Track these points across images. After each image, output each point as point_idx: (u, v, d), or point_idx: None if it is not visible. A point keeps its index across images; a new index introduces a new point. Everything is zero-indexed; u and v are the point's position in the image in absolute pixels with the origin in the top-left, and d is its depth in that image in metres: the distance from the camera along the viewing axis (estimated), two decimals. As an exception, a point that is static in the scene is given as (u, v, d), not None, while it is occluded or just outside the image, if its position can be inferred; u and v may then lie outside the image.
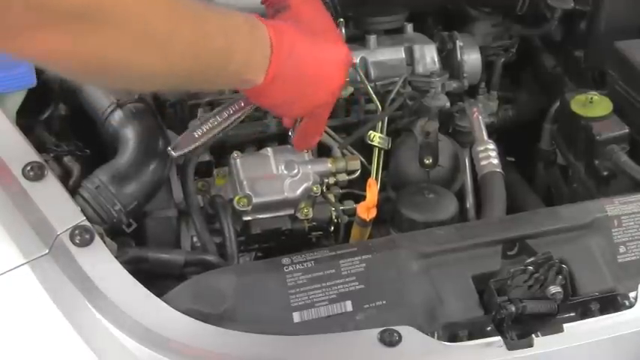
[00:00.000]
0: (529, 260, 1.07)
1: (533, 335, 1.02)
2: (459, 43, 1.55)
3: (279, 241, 1.29)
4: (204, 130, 1.14)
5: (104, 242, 1.03)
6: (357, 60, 1.50)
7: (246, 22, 1.00)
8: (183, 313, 0.99)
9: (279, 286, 1.03)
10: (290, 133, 1.27)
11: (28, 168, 1.05)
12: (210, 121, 1.15)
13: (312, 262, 1.05)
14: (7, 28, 0.74)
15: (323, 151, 1.39)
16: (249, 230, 1.27)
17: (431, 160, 1.43)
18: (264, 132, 1.38)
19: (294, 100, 1.10)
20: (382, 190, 1.40)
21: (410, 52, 1.54)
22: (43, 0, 0.74)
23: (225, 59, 0.96)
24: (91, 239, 1.02)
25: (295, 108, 1.13)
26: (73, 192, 1.10)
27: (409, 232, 1.24)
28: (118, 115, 1.19)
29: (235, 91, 1.30)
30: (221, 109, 1.16)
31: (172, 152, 1.13)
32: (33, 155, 1.07)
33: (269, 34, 1.01)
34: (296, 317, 1.01)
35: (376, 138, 1.40)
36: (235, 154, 1.30)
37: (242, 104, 1.16)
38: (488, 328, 1.05)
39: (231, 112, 1.16)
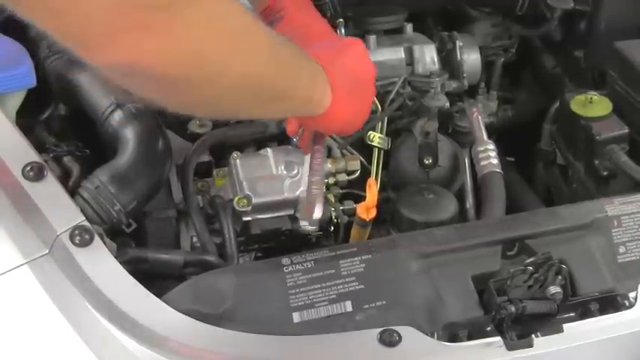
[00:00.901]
0: (529, 260, 1.07)
1: (533, 335, 1.02)
2: (458, 43, 1.55)
3: (279, 241, 1.29)
4: (317, 182, 1.12)
5: (104, 242, 1.03)
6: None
7: (303, 53, 1.00)
8: (183, 313, 0.99)
9: (279, 287, 1.03)
10: (295, 139, 1.26)
11: (28, 168, 1.05)
12: (315, 178, 1.12)
13: (312, 262, 1.05)
14: (113, 30, 0.72)
15: (323, 152, 1.40)
16: (249, 230, 1.27)
17: (431, 161, 1.43)
18: (263, 132, 1.38)
19: (356, 111, 1.10)
20: (382, 190, 1.40)
21: (409, 52, 1.55)
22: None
23: (296, 71, 0.97)
24: (91, 239, 1.02)
25: (360, 117, 1.13)
26: (73, 192, 1.10)
27: (409, 232, 1.24)
28: (118, 115, 1.19)
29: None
30: (312, 164, 1.14)
31: (302, 220, 1.19)
32: (33, 155, 1.07)
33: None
34: (296, 317, 1.01)
35: (376, 138, 1.40)
36: (235, 154, 1.30)
37: (318, 146, 1.15)
38: (488, 328, 1.05)
39: (320, 159, 1.14)
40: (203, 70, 0.80)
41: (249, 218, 1.26)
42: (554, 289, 1.05)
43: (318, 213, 1.08)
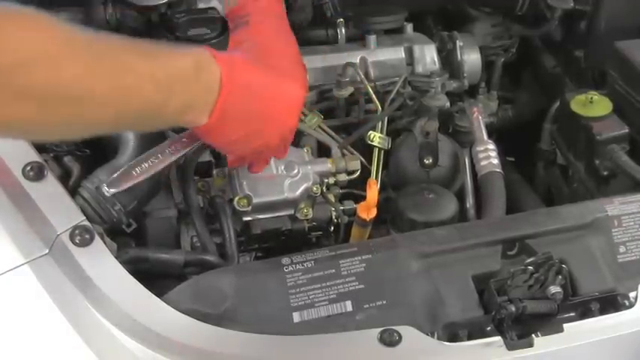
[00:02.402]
0: (529, 260, 1.07)
1: (533, 335, 1.02)
2: (458, 43, 1.55)
3: (279, 241, 1.29)
4: (144, 167, 1.08)
5: (104, 242, 1.03)
6: (357, 60, 1.51)
7: (193, 65, 0.95)
8: (183, 313, 0.99)
9: (279, 286, 1.03)
10: None
11: (28, 168, 1.05)
12: (151, 159, 1.09)
13: (312, 262, 1.05)
14: None
15: (323, 151, 1.40)
16: (249, 230, 1.27)
17: (431, 160, 1.44)
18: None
19: (242, 140, 1.05)
20: (382, 190, 1.40)
21: (410, 52, 1.55)
22: None
23: (156, 107, 0.92)
24: (91, 239, 1.02)
25: (242, 148, 1.08)
26: (73, 192, 1.10)
27: (409, 232, 1.24)
28: (118, 115, 1.19)
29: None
30: (163, 145, 1.11)
31: (106, 189, 1.08)
32: (33, 155, 1.07)
33: (220, 72, 0.97)
34: (296, 317, 1.01)
35: (376, 138, 1.40)
36: (235, 154, 1.29)
37: (185, 141, 1.11)
38: (488, 328, 1.05)
39: (174, 149, 1.10)
40: (20, 131, 0.82)
41: (249, 218, 1.26)
42: (555, 289, 1.05)
43: (121, 186, 1.07)
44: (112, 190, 1.07)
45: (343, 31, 1.56)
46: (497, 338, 1.02)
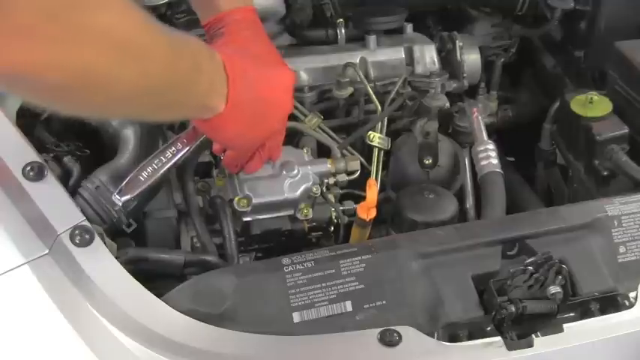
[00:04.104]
0: (529, 260, 1.07)
1: (533, 335, 1.02)
2: (458, 43, 1.55)
3: (279, 241, 1.29)
4: (150, 171, 1.11)
5: (104, 242, 1.03)
6: (356, 60, 1.51)
7: (206, 47, 0.99)
8: (183, 313, 0.99)
9: (279, 286, 1.03)
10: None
11: (28, 168, 1.05)
12: (155, 162, 1.12)
13: (312, 262, 1.05)
14: None
15: (323, 152, 1.40)
16: (249, 231, 1.27)
17: (431, 161, 1.43)
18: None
19: (247, 131, 1.08)
20: (382, 190, 1.40)
21: (409, 53, 1.55)
22: (18, 4, 0.69)
23: (193, 80, 0.95)
24: (91, 239, 1.02)
25: (249, 139, 1.12)
26: (73, 192, 1.10)
27: (409, 232, 1.24)
28: (119, 115, 1.19)
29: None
30: (164, 148, 1.13)
31: (118, 197, 1.10)
32: (33, 155, 1.07)
33: (223, 60, 1.00)
34: (296, 317, 1.01)
35: (376, 138, 1.40)
36: (235, 154, 1.29)
37: (185, 141, 1.13)
38: (488, 328, 1.05)
39: (175, 150, 1.13)
40: (91, 80, 0.79)
41: (249, 219, 1.26)
42: (555, 289, 1.05)
43: (133, 193, 1.09)
44: (125, 198, 1.09)
45: (343, 31, 1.56)
46: (497, 338, 1.02)
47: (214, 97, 1.00)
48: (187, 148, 1.13)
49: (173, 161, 1.12)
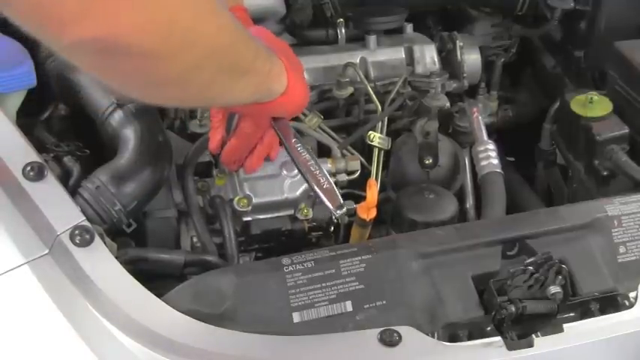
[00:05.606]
0: (529, 260, 1.07)
1: (533, 335, 1.02)
2: (458, 43, 1.55)
3: (279, 241, 1.29)
4: (322, 172, 1.13)
5: (104, 242, 1.03)
6: (357, 60, 1.51)
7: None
8: (183, 313, 0.99)
9: (279, 286, 1.03)
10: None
11: (28, 168, 1.05)
12: (315, 167, 1.13)
13: (312, 262, 1.05)
14: (87, 3, 0.71)
15: (323, 151, 1.40)
16: (249, 231, 1.27)
17: (431, 160, 1.43)
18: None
19: (305, 90, 1.12)
20: (382, 190, 1.40)
21: (410, 53, 1.55)
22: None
23: (258, 50, 0.99)
24: (91, 239, 1.02)
25: (306, 99, 1.15)
26: (73, 192, 1.10)
27: (409, 232, 1.24)
28: (118, 115, 1.19)
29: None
30: (297, 155, 1.14)
31: (337, 213, 1.13)
32: (33, 155, 1.07)
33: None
34: (296, 317, 1.01)
35: (376, 138, 1.40)
36: (235, 154, 1.29)
37: (292, 143, 1.15)
38: (488, 328, 1.05)
39: (300, 145, 1.15)
40: (176, 39, 0.79)
41: (249, 218, 1.26)
42: (555, 289, 1.05)
43: (340, 199, 1.12)
44: (341, 212, 1.12)
45: (343, 31, 1.56)
46: (497, 338, 1.02)
47: (274, 66, 1.03)
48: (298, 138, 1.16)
49: (308, 155, 1.14)
